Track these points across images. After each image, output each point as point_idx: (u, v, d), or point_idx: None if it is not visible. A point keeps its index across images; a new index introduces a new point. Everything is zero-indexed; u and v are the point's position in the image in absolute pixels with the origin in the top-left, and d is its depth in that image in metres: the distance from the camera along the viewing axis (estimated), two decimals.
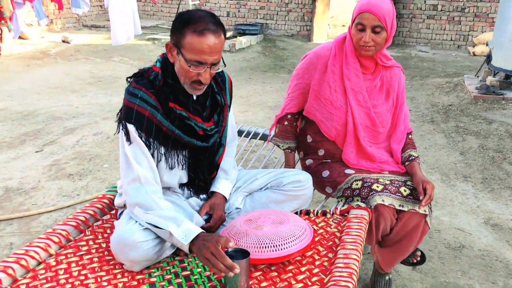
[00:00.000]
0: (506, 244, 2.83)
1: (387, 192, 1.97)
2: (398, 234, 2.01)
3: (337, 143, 2.18)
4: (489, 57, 6.20)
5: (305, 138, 2.31)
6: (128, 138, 1.67)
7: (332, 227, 1.91)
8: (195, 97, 1.78)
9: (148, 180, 1.67)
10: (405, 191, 2.01)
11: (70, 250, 1.69)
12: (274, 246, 1.59)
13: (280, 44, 9.85)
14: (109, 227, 1.87)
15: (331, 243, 1.78)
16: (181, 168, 1.81)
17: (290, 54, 8.99)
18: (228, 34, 9.70)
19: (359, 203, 1.98)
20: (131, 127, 1.66)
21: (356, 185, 2.04)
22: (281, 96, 5.93)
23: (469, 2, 9.37)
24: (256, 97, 6.04)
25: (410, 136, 2.26)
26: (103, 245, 1.74)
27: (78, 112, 5.13)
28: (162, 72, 1.71)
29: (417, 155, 2.17)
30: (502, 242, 2.85)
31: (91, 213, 1.90)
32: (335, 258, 1.62)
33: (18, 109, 5.16)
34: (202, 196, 1.94)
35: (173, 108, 1.70)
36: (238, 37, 9.60)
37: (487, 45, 7.41)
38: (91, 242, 1.75)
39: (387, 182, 2.02)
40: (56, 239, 1.70)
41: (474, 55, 9.00)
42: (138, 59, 7.95)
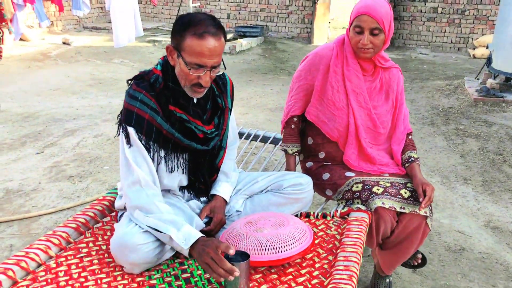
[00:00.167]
0: (506, 247, 2.83)
1: (387, 195, 1.97)
2: (399, 236, 2.01)
3: (339, 144, 2.18)
4: (489, 60, 6.20)
5: (305, 140, 2.31)
6: (128, 141, 1.67)
7: (332, 229, 1.91)
8: (195, 100, 1.77)
9: (148, 183, 1.67)
10: (405, 193, 2.01)
11: (70, 252, 1.69)
12: (274, 249, 1.59)
13: (280, 46, 9.86)
14: (109, 229, 1.87)
15: (331, 245, 1.78)
16: (182, 171, 1.80)
17: (290, 56, 9.00)
18: (228, 36, 9.70)
19: (359, 205, 1.98)
20: (131, 130, 1.66)
21: (357, 187, 2.05)
22: (281, 98, 5.94)
23: (469, 5, 9.38)
24: (256, 99, 6.04)
25: (410, 137, 2.26)
26: (103, 247, 1.74)
27: (78, 114, 5.14)
28: (162, 75, 1.71)
29: (417, 156, 2.17)
30: (502, 245, 2.85)
31: (91, 215, 1.90)
32: (335, 261, 1.62)
33: (18, 111, 5.16)
34: (203, 199, 1.94)
35: (173, 111, 1.69)
36: (239, 39, 9.61)
37: (487, 47, 7.41)
38: (91, 244, 1.76)
39: (388, 185, 2.02)
40: (56, 241, 1.70)
41: (474, 57, 9.00)
42: (138, 61, 7.95)
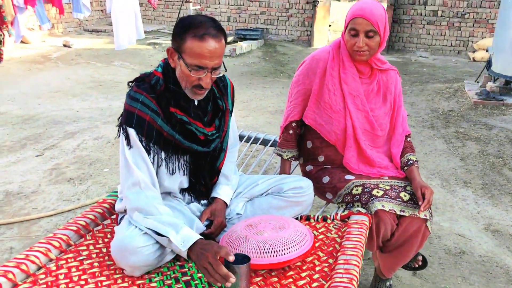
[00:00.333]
0: (507, 250, 2.82)
1: (387, 198, 1.97)
2: (399, 239, 2.01)
3: (337, 147, 2.18)
4: (489, 63, 6.21)
5: (304, 144, 2.31)
6: (129, 142, 1.67)
7: (333, 232, 1.91)
8: (196, 102, 1.77)
9: (147, 185, 1.67)
10: (405, 196, 2.01)
11: (71, 255, 1.69)
12: (274, 252, 1.59)
13: (280, 49, 9.87)
14: (109, 232, 1.87)
15: (331, 248, 1.78)
16: (182, 173, 1.81)
17: (290, 59, 9.01)
18: (228, 39, 9.71)
19: (359, 208, 1.98)
20: (131, 131, 1.66)
21: (356, 190, 2.05)
22: (281, 101, 5.94)
23: (469, 8, 9.39)
24: (256, 102, 6.04)
25: (408, 139, 2.26)
26: (104, 250, 1.74)
27: (78, 116, 5.14)
28: (163, 77, 1.71)
29: (416, 159, 2.17)
30: (502, 248, 2.85)
31: (92, 217, 1.90)
32: (336, 264, 1.62)
33: (19, 113, 5.17)
34: (203, 202, 1.94)
35: (174, 113, 1.70)
36: (239, 42, 9.63)
37: (487, 51, 7.42)
38: (91, 247, 1.75)
39: (387, 188, 2.03)
40: (56, 243, 1.70)
41: (474, 60, 9.01)
42: (139, 64, 7.96)
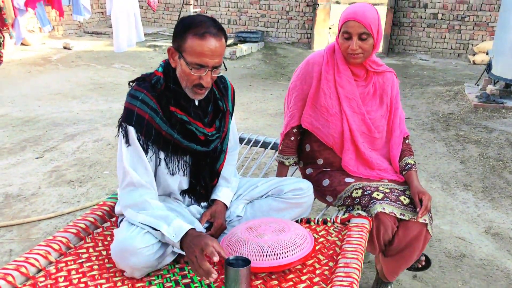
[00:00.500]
0: (507, 254, 2.82)
1: (387, 200, 1.97)
2: (400, 243, 2.00)
3: (334, 150, 2.18)
4: (489, 66, 6.22)
5: (303, 148, 2.31)
6: (127, 141, 1.68)
7: (333, 235, 1.90)
8: (197, 103, 1.78)
9: (142, 184, 1.68)
10: (405, 199, 2.00)
11: (70, 258, 1.69)
12: (275, 255, 1.59)
13: (280, 51, 9.88)
14: (109, 234, 1.86)
15: (331, 251, 1.78)
16: (182, 174, 1.81)
17: (290, 61, 9.02)
18: (229, 42, 9.72)
19: (359, 211, 1.98)
20: (131, 129, 1.67)
21: (356, 193, 2.04)
22: (281, 104, 5.94)
23: (469, 11, 9.41)
24: (256, 104, 6.04)
25: (407, 141, 2.25)
26: (104, 252, 1.74)
27: (78, 118, 5.14)
28: (164, 77, 1.72)
29: (414, 162, 2.17)
30: (503, 251, 2.84)
31: (92, 220, 1.90)
32: (336, 267, 1.62)
33: (19, 115, 5.17)
34: (203, 204, 1.94)
35: (174, 112, 1.71)
36: (239, 45, 9.64)
37: (487, 54, 7.43)
38: (91, 250, 1.75)
39: (387, 191, 2.02)
40: (56, 246, 1.69)
41: (474, 63, 9.03)
42: (139, 66, 7.97)
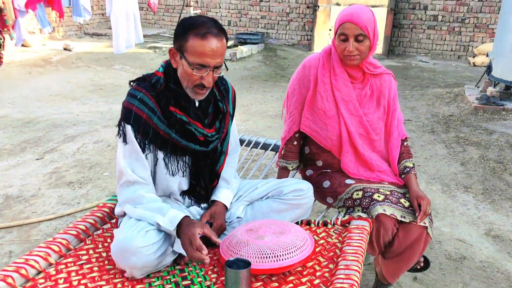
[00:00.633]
0: (507, 256, 2.81)
1: (388, 202, 1.97)
2: (401, 246, 2.00)
3: (333, 153, 2.17)
4: (489, 68, 6.22)
5: (303, 150, 2.31)
6: (125, 139, 1.71)
7: (333, 237, 1.90)
8: (197, 104, 1.79)
9: (137, 180, 1.71)
10: (405, 202, 2.00)
11: (70, 259, 1.68)
12: (275, 257, 1.59)
13: (281, 53, 9.88)
14: (109, 236, 1.86)
15: (332, 253, 1.78)
16: (182, 175, 1.82)
17: (290, 63, 9.02)
18: (229, 43, 9.72)
19: (360, 213, 1.98)
20: (128, 128, 1.69)
21: (357, 195, 2.04)
22: (281, 105, 5.93)
23: (469, 13, 9.42)
24: (256, 106, 6.04)
25: (405, 143, 2.25)
26: (103, 254, 1.73)
27: (78, 120, 5.14)
28: (164, 77, 1.74)
29: (413, 165, 2.16)
30: (503, 253, 2.84)
31: (92, 222, 1.90)
32: (336, 269, 1.62)
33: (19, 116, 5.17)
34: (203, 205, 1.94)
35: (173, 112, 1.72)
36: (239, 46, 9.64)
37: (487, 55, 7.42)
38: (91, 251, 1.75)
39: (388, 193, 2.02)
40: (56, 248, 1.69)
41: (474, 65, 9.02)
42: (139, 67, 7.97)
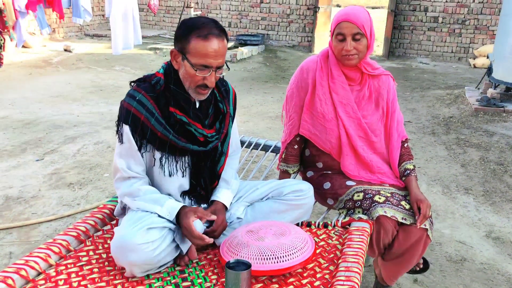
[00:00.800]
0: (508, 258, 2.81)
1: (389, 204, 1.96)
2: (401, 248, 2.00)
3: (332, 156, 2.17)
4: (489, 70, 6.22)
5: (303, 152, 2.30)
6: (122, 138, 1.73)
7: (334, 239, 1.90)
8: (197, 105, 1.80)
9: (132, 175, 1.75)
10: (406, 204, 2.00)
11: (70, 261, 1.68)
12: (275, 258, 1.59)
13: (281, 54, 9.89)
14: (109, 237, 1.86)
15: (332, 255, 1.77)
16: (182, 175, 1.82)
17: (291, 64, 9.02)
18: (229, 45, 9.73)
19: (360, 215, 1.97)
20: (126, 128, 1.72)
21: (358, 196, 2.04)
22: (282, 107, 5.93)
23: (470, 15, 9.42)
24: (257, 107, 6.04)
25: (406, 145, 2.24)
26: (104, 255, 1.73)
27: (79, 121, 5.14)
28: (164, 78, 1.75)
29: (413, 167, 2.16)
30: (503, 255, 2.83)
31: (92, 223, 1.90)
32: (337, 271, 1.61)
33: (19, 118, 5.16)
34: (203, 205, 1.94)
35: (173, 113, 1.73)
36: (240, 48, 9.65)
37: (487, 57, 7.43)
38: (91, 253, 1.75)
39: (388, 195, 2.02)
40: (56, 249, 1.69)
41: (475, 67, 9.02)
42: (139, 69, 7.97)
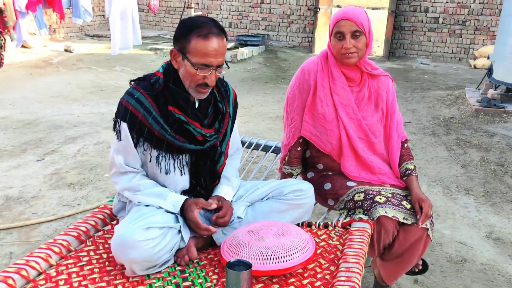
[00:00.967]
0: (508, 258, 2.81)
1: (390, 204, 1.96)
2: (401, 247, 1.99)
3: (333, 157, 2.17)
4: (490, 70, 6.22)
5: (304, 154, 2.30)
6: (120, 135, 1.75)
7: (334, 239, 1.90)
8: (197, 105, 1.80)
9: (130, 170, 1.77)
10: (407, 204, 2.00)
11: (71, 261, 1.68)
12: (276, 258, 1.58)
13: (281, 55, 9.89)
14: (110, 237, 1.85)
15: (333, 256, 1.77)
16: (180, 174, 1.82)
17: (291, 65, 9.02)
18: (230, 45, 9.74)
19: (361, 215, 1.97)
20: (124, 125, 1.74)
21: (359, 197, 2.04)
22: (282, 107, 5.93)
23: (470, 15, 9.42)
24: (257, 107, 6.04)
25: (406, 145, 2.24)
26: (104, 255, 1.73)
27: (79, 121, 5.14)
28: (163, 77, 1.76)
29: (414, 167, 2.16)
30: (504, 256, 2.83)
31: (93, 223, 1.90)
32: (337, 271, 1.61)
33: (19, 118, 5.17)
34: None
35: (172, 111, 1.73)
36: (240, 48, 9.65)
37: (488, 58, 7.43)
38: (92, 253, 1.75)
39: (389, 195, 2.02)
40: (57, 249, 1.69)
41: (475, 68, 9.03)
42: (140, 69, 7.97)
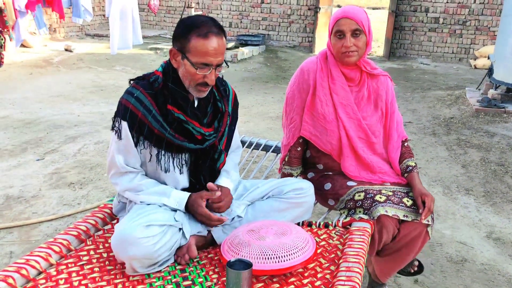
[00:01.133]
0: (509, 258, 2.81)
1: (390, 203, 1.96)
2: (399, 243, 1.99)
3: (333, 157, 2.17)
4: (490, 70, 6.21)
5: (304, 154, 2.30)
6: (120, 134, 1.75)
7: (335, 239, 1.89)
8: (196, 104, 1.80)
9: (130, 170, 1.77)
10: (408, 201, 2.00)
11: (71, 260, 1.68)
12: (276, 258, 1.58)
13: (282, 55, 9.89)
14: (110, 236, 1.85)
15: (333, 255, 1.77)
16: (179, 172, 1.82)
17: (292, 65, 9.02)
18: (230, 45, 9.74)
19: (361, 215, 1.97)
20: (124, 124, 1.73)
21: (359, 196, 2.03)
22: (282, 107, 5.93)
23: (471, 16, 9.42)
24: (257, 107, 6.04)
25: (406, 144, 2.24)
26: (104, 255, 1.73)
27: (79, 120, 5.14)
28: (163, 76, 1.76)
29: (415, 163, 2.16)
30: (504, 256, 2.83)
31: (93, 222, 1.90)
32: (337, 271, 1.61)
33: (20, 117, 5.17)
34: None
35: (171, 110, 1.74)
36: (240, 48, 9.65)
37: (488, 58, 7.42)
38: (92, 252, 1.75)
39: (390, 193, 2.02)
40: (57, 248, 1.69)
41: (476, 68, 9.02)
42: (140, 69, 7.97)
